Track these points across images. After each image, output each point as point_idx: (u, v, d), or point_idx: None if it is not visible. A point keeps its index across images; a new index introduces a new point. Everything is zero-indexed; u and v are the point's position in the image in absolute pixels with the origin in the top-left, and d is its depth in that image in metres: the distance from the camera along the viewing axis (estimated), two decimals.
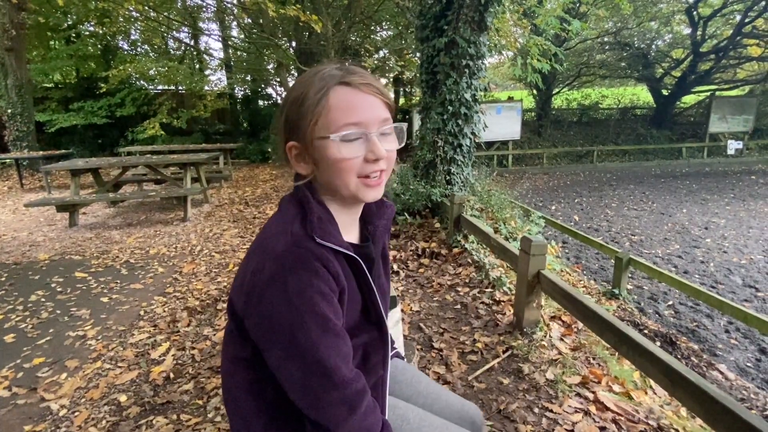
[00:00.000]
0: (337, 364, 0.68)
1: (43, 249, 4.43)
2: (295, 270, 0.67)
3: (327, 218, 0.76)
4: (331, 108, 0.72)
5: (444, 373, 2.02)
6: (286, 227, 0.72)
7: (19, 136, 9.31)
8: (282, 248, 0.69)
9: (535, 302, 2.29)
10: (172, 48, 13.80)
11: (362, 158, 0.73)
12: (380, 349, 0.89)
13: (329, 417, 0.69)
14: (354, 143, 0.72)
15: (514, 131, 12.72)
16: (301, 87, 0.74)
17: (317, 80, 0.73)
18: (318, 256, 0.69)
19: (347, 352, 0.72)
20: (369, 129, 0.73)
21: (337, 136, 0.71)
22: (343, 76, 0.73)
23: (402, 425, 0.91)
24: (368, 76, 0.75)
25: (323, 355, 0.67)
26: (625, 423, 1.63)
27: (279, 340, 0.68)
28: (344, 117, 0.71)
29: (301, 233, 0.71)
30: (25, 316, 2.89)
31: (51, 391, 2.07)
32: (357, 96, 0.73)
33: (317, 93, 0.72)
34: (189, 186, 5.84)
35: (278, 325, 0.67)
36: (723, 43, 13.16)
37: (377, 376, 0.88)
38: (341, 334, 0.71)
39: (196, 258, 4.04)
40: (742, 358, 3.63)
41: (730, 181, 11.12)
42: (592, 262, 5.79)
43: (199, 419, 1.80)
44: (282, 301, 0.66)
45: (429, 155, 4.27)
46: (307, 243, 0.70)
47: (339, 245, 0.74)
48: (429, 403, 1.03)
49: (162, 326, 2.69)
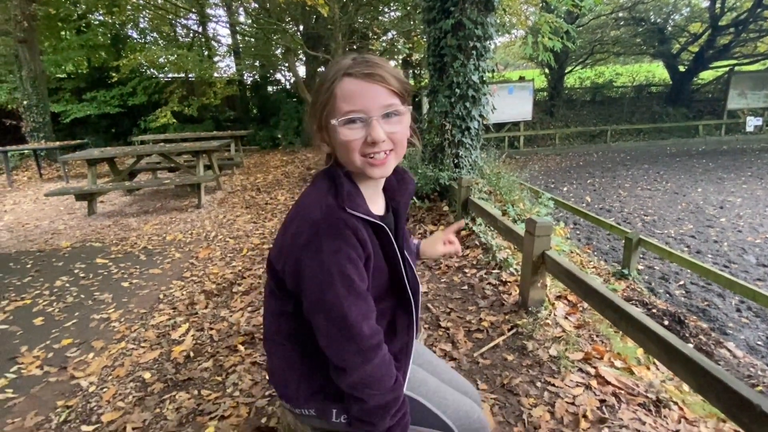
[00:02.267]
0: (357, 319, 0.80)
1: (65, 237, 4.60)
2: (329, 236, 0.78)
3: (355, 192, 0.86)
4: (337, 97, 0.81)
5: (450, 350, 2.09)
6: (321, 199, 0.83)
7: (36, 127, 9.51)
8: (318, 216, 0.79)
9: (540, 282, 2.34)
10: (181, 35, 13.81)
11: (363, 140, 0.82)
12: (406, 314, 0.99)
13: (346, 362, 0.82)
14: (354, 127, 0.82)
15: (526, 112, 12.52)
16: (322, 78, 0.86)
17: (331, 72, 0.83)
18: (349, 224, 0.80)
19: (368, 312, 0.83)
20: (369, 114, 0.81)
21: (338, 122, 0.81)
22: (349, 68, 0.81)
23: (420, 387, 1.02)
24: (376, 65, 0.82)
25: (346, 311, 0.79)
26: (625, 396, 1.69)
27: (311, 294, 0.81)
28: (346, 105, 0.81)
29: (334, 204, 0.81)
30: (51, 301, 3.04)
31: (80, 369, 2.20)
32: (359, 85, 0.81)
33: (328, 83, 0.82)
34: (202, 173, 5.95)
35: (311, 282, 0.79)
36: (743, 15, 12.67)
37: (403, 341, 0.99)
38: (363, 294, 0.82)
39: (211, 243, 4.16)
40: (752, 336, 3.64)
41: (749, 158, 10.86)
42: (603, 243, 5.78)
43: (219, 394, 1.91)
44: (316, 262, 0.78)
45: (437, 139, 4.28)
46: (339, 213, 0.80)
47: (367, 214, 0.84)
48: (441, 378, 1.12)
49: (181, 308, 2.81)
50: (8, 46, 9.60)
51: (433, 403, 0.99)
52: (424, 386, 1.02)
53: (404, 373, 0.96)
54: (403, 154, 0.91)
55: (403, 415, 0.87)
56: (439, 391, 1.02)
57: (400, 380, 0.88)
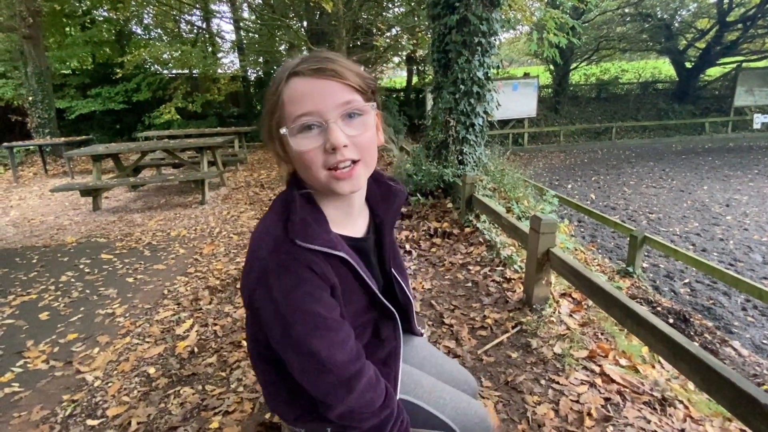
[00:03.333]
0: (330, 352, 0.71)
1: (70, 232, 4.62)
2: (278, 274, 0.69)
3: (313, 218, 0.74)
4: (285, 102, 0.70)
5: (454, 347, 2.09)
6: (269, 229, 0.73)
7: (41, 123, 9.56)
8: (265, 252, 0.70)
9: (544, 279, 2.33)
10: (185, 31, 13.83)
11: (322, 149, 0.69)
12: (390, 322, 0.95)
13: (328, 396, 0.74)
14: (309, 134, 0.69)
15: (530, 108, 12.47)
16: (269, 86, 0.74)
17: (276, 77, 0.73)
18: (299, 258, 0.70)
19: (343, 339, 0.74)
20: (325, 117, 0.68)
21: (288, 130, 0.70)
22: (296, 66, 0.70)
23: (416, 389, 0.97)
24: (326, 59, 0.70)
25: (315, 347, 0.70)
26: (630, 394, 1.68)
27: (274, 333, 0.72)
28: (296, 108, 0.69)
29: (282, 236, 0.71)
30: (57, 296, 3.06)
31: (85, 364, 2.21)
32: (308, 84, 0.69)
33: (274, 89, 0.72)
34: (206, 169, 5.96)
35: (270, 321, 0.71)
36: (751, 11, 12.54)
37: (391, 345, 0.95)
38: (333, 324, 0.72)
39: (215, 239, 4.17)
40: (758, 335, 3.62)
41: (755, 156, 10.77)
42: (607, 240, 5.76)
43: (223, 389, 1.91)
44: (269, 302, 0.69)
45: (441, 135, 4.27)
46: (287, 247, 0.70)
47: (324, 246, 0.72)
48: (439, 372, 1.10)
49: (185, 304, 2.82)
50: (13, 42, 9.63)
51: (430, 404, 0.96)
52: (420, 388, 0.98)
53: (395, 376, 0.93)
54: (374, 163, 0.77)
55: (402, 421, 0.84)
56: (435, 391, 0.98)
57: (390, 392, 0.82)
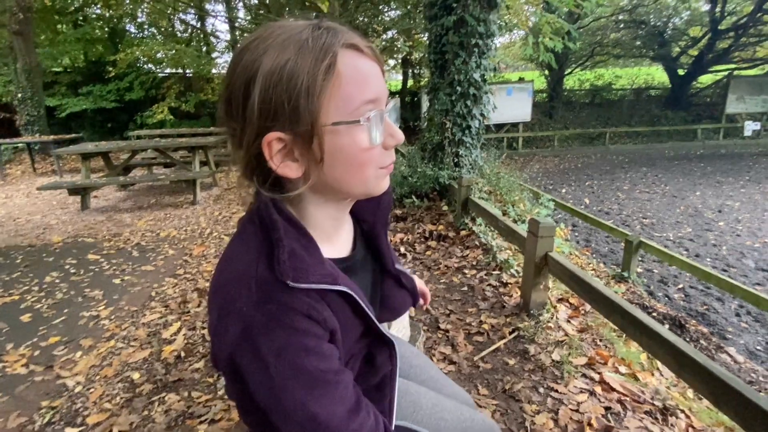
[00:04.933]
0: (329, 412, 0.57)
1: (57, 232, 4.51)
2: (268, 330, 0.53)
3: (304, 244, 0.58)
4: (343, 82, 0.53)
5: (450, 354, 2.03)
6: (247, 270, 0.55)
7: (30, 121, 9.40)
8: (246, 305, 0.53)
9: (542, 284, 2.29)
10: (179, 30, 13.71)
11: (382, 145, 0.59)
12: (385, 348, 0.82)
13: None
14: (380, 127, 0.57)
15: (525, 113, 12.50)
16: (280, 52, 0.52)
17: (310, 42, 0.53)
18: (295, 307, 0.54)
19: (343, 390, 0.60)
20: (382, 107, 0.58)
21: (364, 118, 0.55)
22: (347, 37, 0.55)
23: (414, 413, 0.86)
24: (369, 39, 0.60)
25: (314, 410, 0.56)
26: (631, 403, 1.63)
27: (263, 400, 0.55)
28: (363, 92, 0.55)
29: (269, 279, 0.54)
30: (40, 297, 2.96)
31: (67, 368, 2.13)
32: (366, 63, 0.56)
33: (320, 61, 0.52)
34: (198, 169, 5.87)
35: (257, 387, 0.54)
36: (743, 19, 12.70)
37: (386, 370, 0.83)
38: (333, 380, 0.58)
39: (206, 240, 4.09)
40: (752, 341, 3.60)
41: (746, 163, 10.87)
42: (602, 245, 5.74)
43: (210, 396, 1.84)
44: (257, 365, 0.53)
45: (437, 137, 4.23)
46: (278, 294, 0.54)
47: (322, 282, 0.57)
48: (440, 387, 1.01)
49: (173, 307, 2.74)
50: (3, 38, 9.48)
51: (431, 428, 0.86)
52: (419, 411, 0.87)
53: (389, 402, 0.80)
54: None
55: None
56: (435, 412, 0.88)
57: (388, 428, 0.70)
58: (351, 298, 0.63)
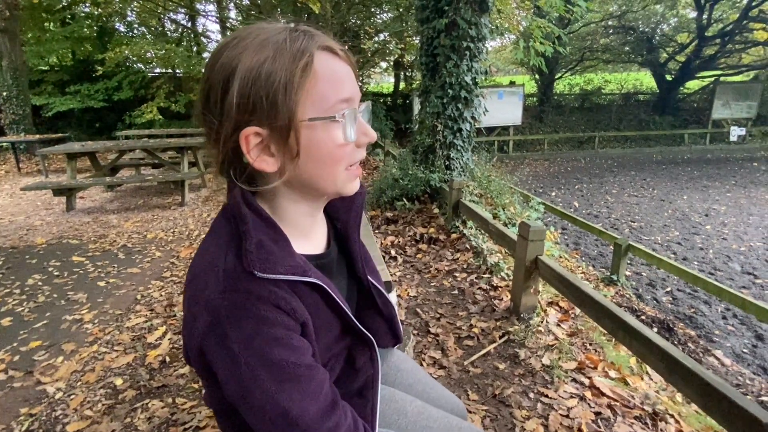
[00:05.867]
0: (302, 408, 0.57)
1: (41, 233, 4.41)
2: (235, 319, 0.53)
3: (272, 237, 0.59)
4: (319, 80, 0.56)
5: (440, 358, 2.01)
6: (215, 261, 0.56)
7: (15, 120, 9.23)
8: (213, 294, 0.54)
9: (532, 288, 2.28)
10: (169, 30, 13.57)
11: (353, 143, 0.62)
12: (366, 349, 0.82)
13: None
14: (354, 125, 0.60)
15: (516, 117, 12.59)
16: (259, 51, 0.55)
17: (288, 43, 0.55)
18: (262, 296, 0.55)
19: (316, 388, 0.60)
20: (356, 106, 0.61)
21: (339, 115, 0.57)
22: (322, 40, 0.58)
23: (399, 419, 0.84)
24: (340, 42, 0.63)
25: (284, 405, 0.55)
26: (621, 408, 1.63)
27: (232, 392, 0.56)
28: (337, 91, 0.58)
29: (236, 269, 0.55)
30: (21, 300, 2.89)
31: (47, 374, 2.07)
32: (340, 65, 0.59)
33: (297, 60, 0.54)
34: (186, 170, 5.79)
35: (227, 378, 0.55)
36: (729, 27, 12.94)
37: (367, 374, 0.82)
38: (306, 374, 0.58)
39: (194, 243, 4.03)
40: (738, 344, 3.64)
41: (732, 167, 11.05)
42: (591, 248, 5.78)
43: (194, 402, 1.80)
44: (225, 355, 0.54)
45: (428, 140, 4.22)
46: (245, 283, 0.55)
47: (291, 273, 0.58)
48: (427, 391, 0.99)
49: (159, 310, 2.69)
50: None
51: None
52: (403, 418, 0.85)
53: (372, 408, 0.79)
54: None
55: None
56: (421, 420, 0.86)
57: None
58: (323, 291, 0.64)
